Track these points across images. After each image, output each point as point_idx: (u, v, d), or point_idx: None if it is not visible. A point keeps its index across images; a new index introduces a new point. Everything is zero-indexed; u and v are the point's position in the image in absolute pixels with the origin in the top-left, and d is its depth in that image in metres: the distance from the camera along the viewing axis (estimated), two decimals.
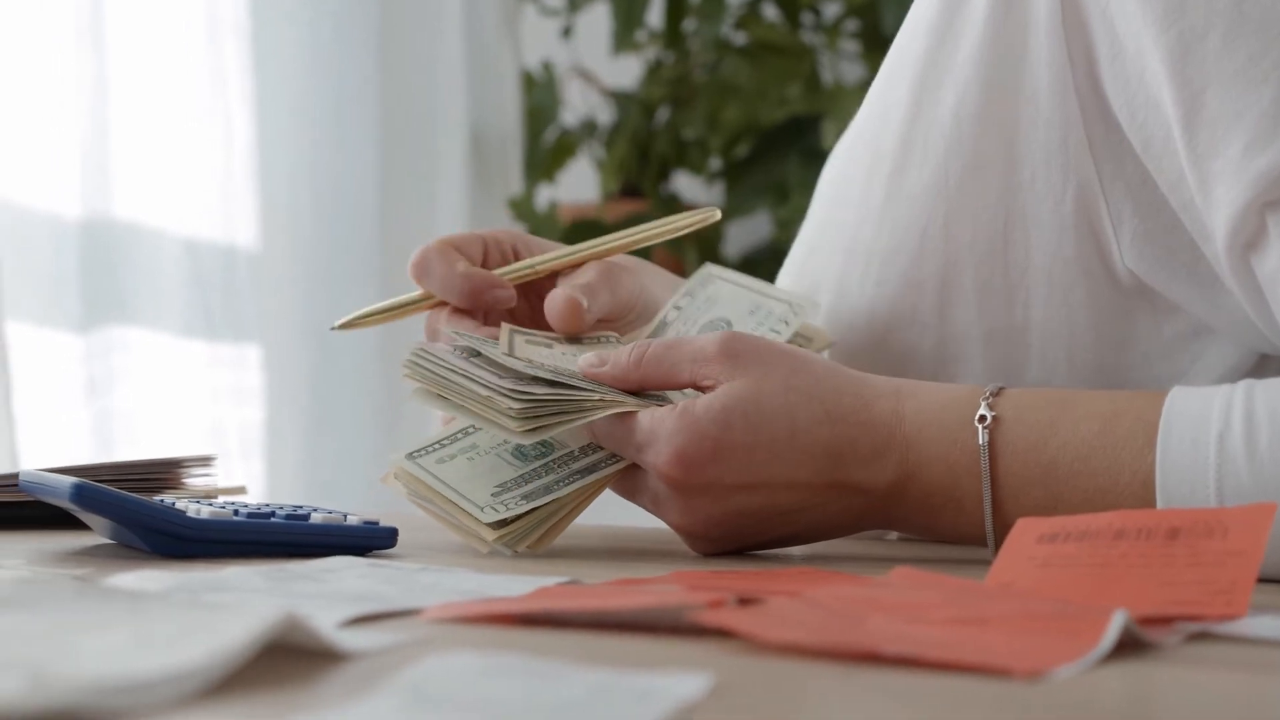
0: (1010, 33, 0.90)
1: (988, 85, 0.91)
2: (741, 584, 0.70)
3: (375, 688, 0.46)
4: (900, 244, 0.94)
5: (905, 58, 0.96)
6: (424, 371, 0.89)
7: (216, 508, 0.84)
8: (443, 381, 0.88)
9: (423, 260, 0.97)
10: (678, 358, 0.85)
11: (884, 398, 0.84)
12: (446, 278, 0.95)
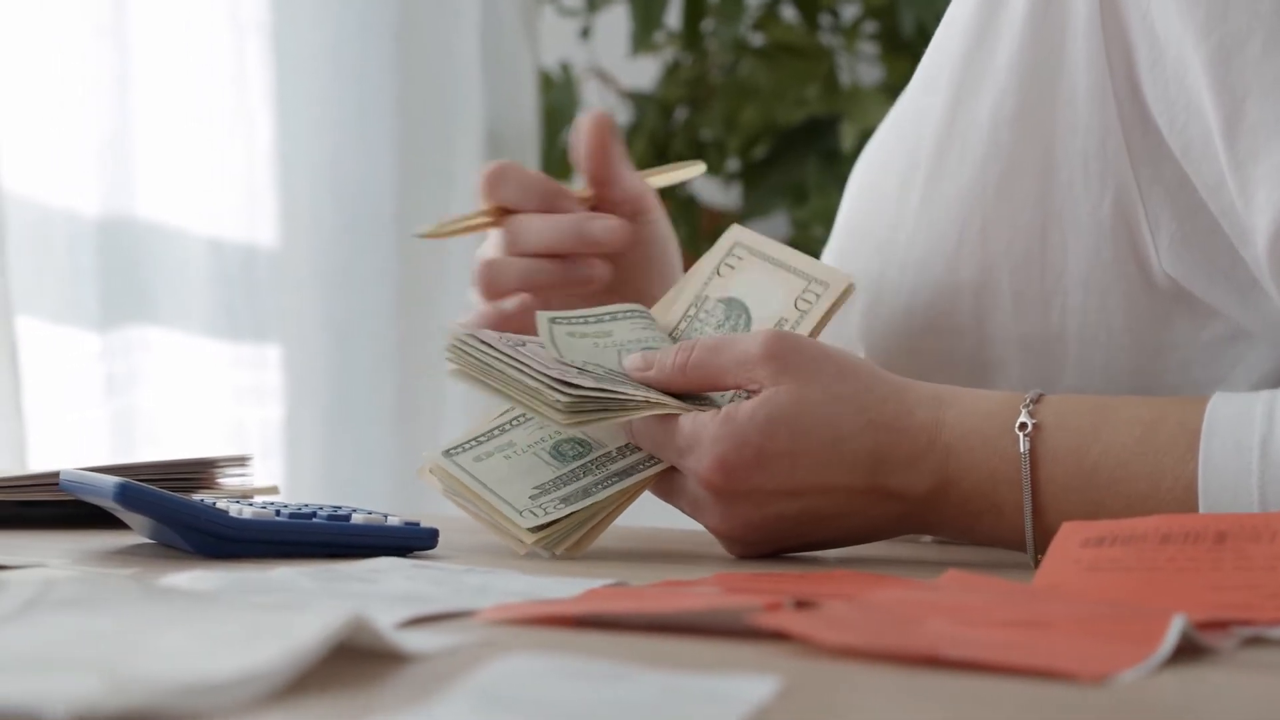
0: (1049, 37, 0.90)
1: (1026, 90, 0.91)
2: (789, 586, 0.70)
3: (445, 690, 0.46)
4: (936, 249, 0.94)
5: (941, 62, 0.96)
6: (467, 356, 0.89)
7: (258, 508, 0.84)
8: (486, 367, 0.88)
9: (498, 170, 1.02)
10: (723, 362, 0.85)
11: (924, 405, 0.84)
12: (524, 180, 1.00)
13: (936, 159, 0.94)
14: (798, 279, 0.93)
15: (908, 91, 1.01)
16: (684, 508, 0.86)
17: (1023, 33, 0.91)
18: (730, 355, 0.85)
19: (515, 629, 0.59)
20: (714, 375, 0.86)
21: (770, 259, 0.95)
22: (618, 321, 0.94)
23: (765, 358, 0.84)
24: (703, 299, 0.95)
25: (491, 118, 2.33)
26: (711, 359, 0.86)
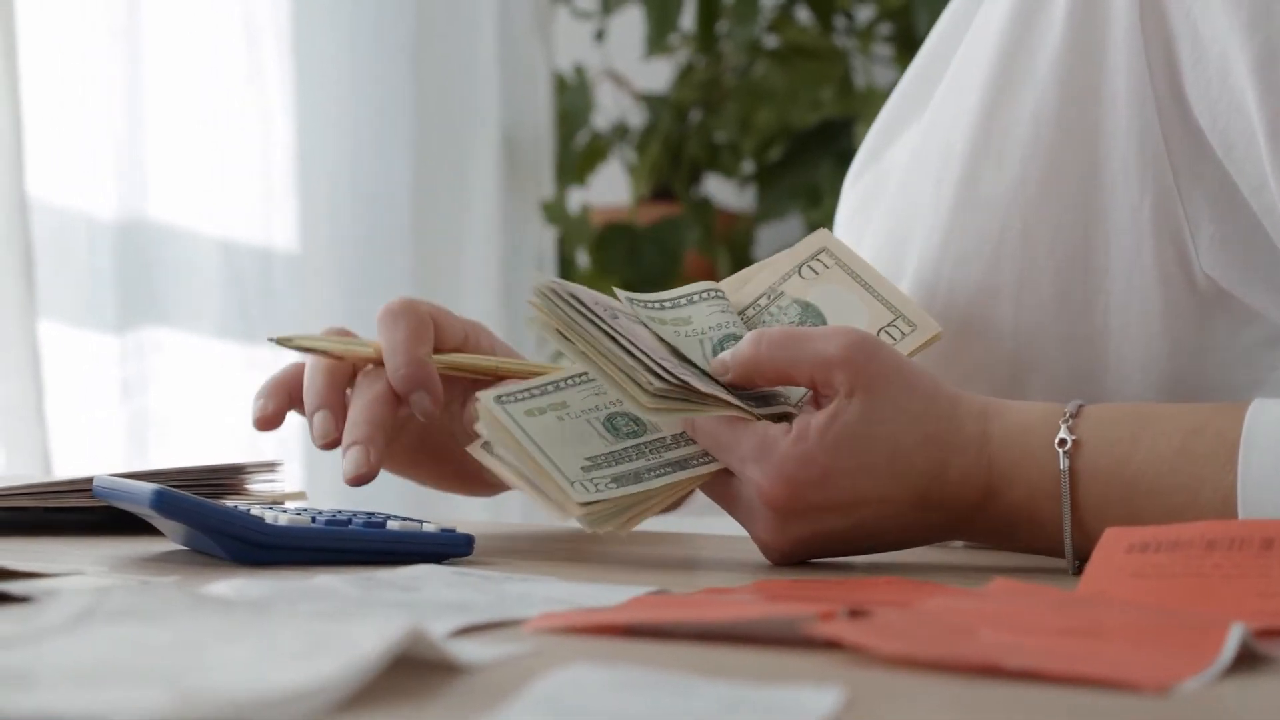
0: (1089, 37, 0.90)
1: (1066, 90, 0.91)
2: (836, 594, 0.70)
3: (508, 701, 0.46)
4: (974, 251, 0.94)
5: (974, 65, 0.95)
6: (556, 310, 0.85)
7: (293, 514, 0.84)
8: (577, 327, 0.85)
9: (397, 319, 0.93)
10: (797, 358, 0.83)
11: (973, 418, 0.83)
12: (405, 353, 0.92)
13: (972, 161, 0.94)
14: (885, 310, 0.91)
15: (938, 99, 1.00)
16: (735, 513, 0.86)
17: (1063, 33, 0.90)
18: (806, 352, 0.83)
19: (563, 638, 0.59)
20: (786, 370, 0.84)
21: (859, 279, 0.93)
22: (695, 305, 0.91)
23: (843, 362, 0.82)
24: (777, 293, 0.93)
25: (507, 120, 2.33)
26: (784, 354, 0.84)
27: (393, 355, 0.92)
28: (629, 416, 0.87)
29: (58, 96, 1.75)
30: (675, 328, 0.89)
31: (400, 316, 0.94)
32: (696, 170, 2.50)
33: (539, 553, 0.90)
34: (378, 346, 0.93)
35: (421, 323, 0.93)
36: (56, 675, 0.45)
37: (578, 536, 0.99)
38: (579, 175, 2.49)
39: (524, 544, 0.95)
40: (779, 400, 0.86)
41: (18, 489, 0.96)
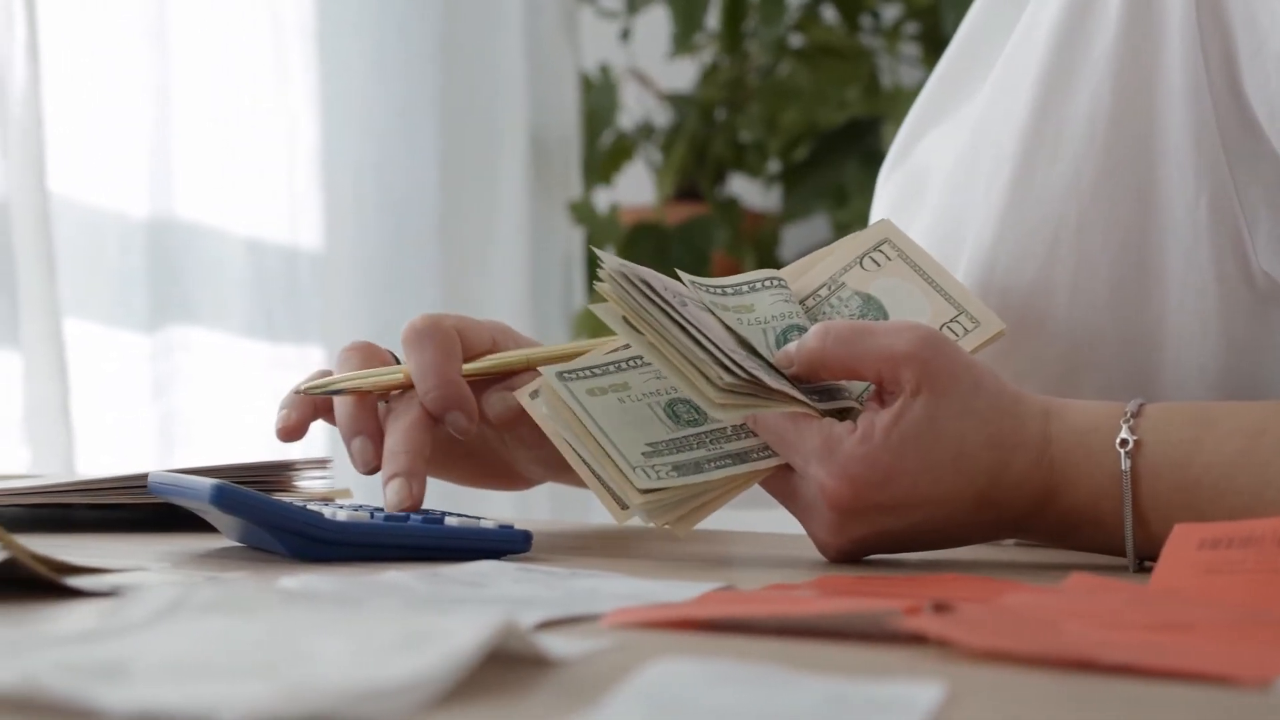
0: (1145, 31, 0.89)
1: (1122, 86, 0.90)
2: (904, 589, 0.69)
3: (606, 695, 0.45)
4: (1028, 250, 0.93)
5: (1025, 63, 0.94)
6: (627, 295, 0.83)
7: (351, 510, 0.84)
8: (646, 315, 0.83)
9: (422, 339, 0.92)
10: (863, 353, 0.82)
11: (1035, 418, 0.83)
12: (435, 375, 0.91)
13: (1024, 158, 0.93)
14: (948, 305, 0.89)
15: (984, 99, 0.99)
16: (793, 509, 0.85)
17: (1117, 28, 0.90)
18: (873, 347, 0.82)
19: (644, 633, 0.58)
20: (852, 365, 0.83)
21: (921, 272, 0.91)
22: (757, 293, 0.89)
23: (910, 359, 0.81)
24: (838, 283, 0.91)
25: (534, 120, 2.32)
26: (851, 349, 0.82)
27: (423, 378, 0.91)
28: (689, 404, 0.85)
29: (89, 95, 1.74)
30: (737, 315, 0.87)
31: (425, 336, 0.92)
32: (721, 170, 2.49)
33: (593, 549, 0.90)
34: (406, 371, 0.92)
35: (447, 339, 0.92)
36: (152, 669, 0.44)
37: (628, 534, 0.99)
38: (604, 175, 2.48)
39: (577, 541, 0.95)
40: (842, 394, 0.85)
41: (70, 485, 0.95)
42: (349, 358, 0.94)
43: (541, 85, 2.34)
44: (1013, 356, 0.93)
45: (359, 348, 0.95)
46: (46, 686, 0.42)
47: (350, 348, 0.95)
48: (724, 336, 0.84)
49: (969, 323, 0.89)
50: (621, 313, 0.84)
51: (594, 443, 0.83)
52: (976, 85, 1.06)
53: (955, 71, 1.11)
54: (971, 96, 1.07)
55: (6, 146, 1.51)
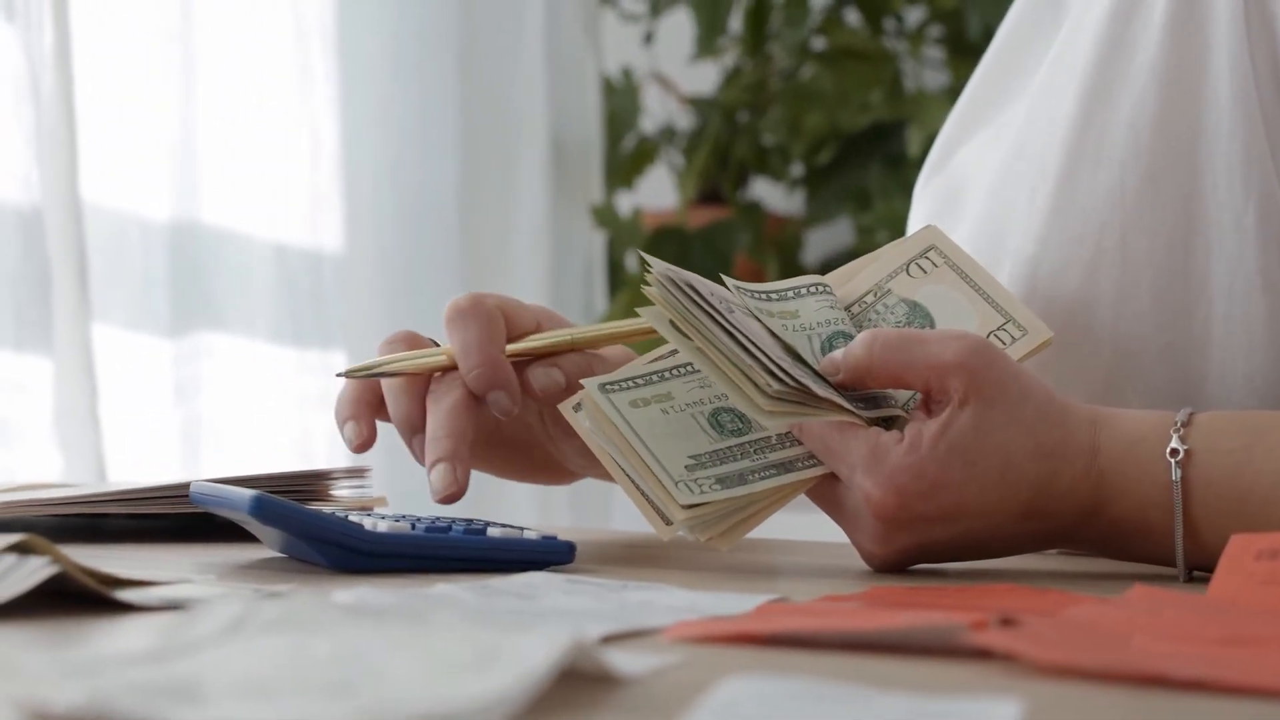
0: (1191, 39, 0.88)
1: (1166, 94, 0.89)
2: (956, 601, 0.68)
3: (683, 713, 0.45)
4: (1072, 258, 0.92)
5: (1069, 70, 0.94)
6: (673, 300, 0.82)
7: (393, 521, 0.83)
8: (693, 319, 0.82)
9: (466, 318, 0.91)
10: (911, 361, 0.81)
11: (1083, 428, 0.82)
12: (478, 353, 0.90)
13: (1068, 166, 0.93)
14: (995, 313, 0.89)
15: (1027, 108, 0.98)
16: (838, 519, 0.84)
17: (1163, 35, 0.89)
18: (921, 356, 0.81)
19: (707, 647, 0.58)
20: (899, 374, 0.82)
21: (968, 279, 0.90)
22: (802, 299, 0.89)
23: (958, 368, 0.80)
24: (884, 290, 0.91)
25: (555, 123, 2.32)
26: (898, 358, 0.81)
27: (465, 357, 0.90)
28: (734, 413, 0.84)
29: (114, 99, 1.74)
30: (782, 320, 0.87)
31: (469, 315, 0.91)
32: (744, 173, 2.49)
33: (636, 560, 0.89)
34: (449, 352, 0.92)
35: (491, 318, 0.91)
36: (224, 688, 0.44)
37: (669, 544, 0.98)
38: (626, 179, 2.47)
39: (618, 551, 0.94)
40: (887, 402, 0.85)
41: (109, 495, 0.95)
42: (392, 347, 0.93)
43: (563, 88, 2.34)
44: (1056, 365, 0.93)
45: (402, 336, 0.94)
46: (118, 706, 0.42)
47: (393, 337, 0.94)
48: (771, 343, 0.84)
49: (1016, 330, 0.88)
50: (669, 317, 0.83)
51: (636, 456, 0.82)
52: (1013, 95, 1.06)
53: (991, 81, 1.10)
54: (1008, 106, 1.06)
55: (40, 153, 1.50)
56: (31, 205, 1.50)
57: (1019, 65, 1.07)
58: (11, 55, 1.49)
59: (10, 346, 1.48)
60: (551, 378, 0.91)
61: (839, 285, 0.92)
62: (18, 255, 1.48)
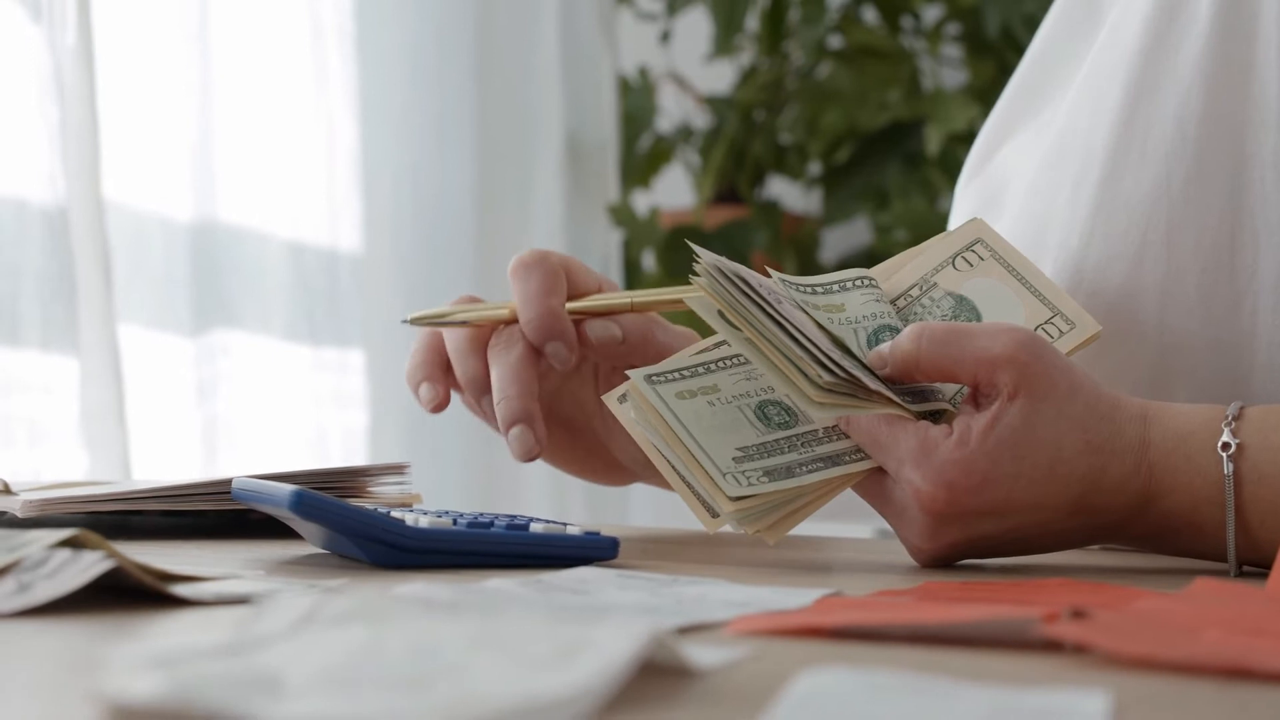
0: (1237, 33, 0.88)
1: (1213, 88, 0.89)
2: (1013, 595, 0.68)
3: (767, 708, 0.44)
4: (1117, 253, 0.92)
5: (1113, 65, 0.93)
6: (723, 290, 0.82)
7: (434, 517, 0.82)
8: (743, 310, 0.81)
9: (530, 270, 0.93)
10: (960, 355, 0.81)
11: (1133, 422, 0.81)
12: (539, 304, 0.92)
13: (1112, 161, 0.92)
14: (1043, 307, 0.88)
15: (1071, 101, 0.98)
16: (885, 513, 0.83)
17: (1209, 30, 0.89)
18: (969, 350, 0.80)
19: (772, 641, 0.57)
20: (948, 368, 0.81)
21: (1015, 272, 0.89)
22: (848, 292, 0.88)
23: (1008, 362, 0.79)
24: (930, 283, 0.90)
25: (571, 123, 2.31)
26: (947, 352, 0.81)
27: (526, 307, 0.92)
28: (780, 405, 0.84)
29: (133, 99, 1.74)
30: (828, 314, 0.86)
31: (532, 268, 0.93)
32: (760, 172, 2.48)
33: (679, 554, 0.88)
34: (512, 305, 0.93)
35: (553, 272, 0.93)
36: (306, 682, 0.43)
37: (710, 538, 0.98)
38: (642, 178, 2.47)
39: (659, 546, 0.93)
40: (935, 396, 0.84)
41: (148, 492, 0.94)
42: (457, 307, 0.96)
43: (579, 88, 2.33)
44: (1101, 360, 0.92)
45: (467, 298, 0.96)
46: (202, 697, 0.41)
47: (461, 297, 0.97)
48: (819, 335, 0.83)
49: (1064, 324, 0.87)
50: (717, 307, 0.83)
51: (683, 448, 0.82)
52: (1053, 94, 1.05)
53: (1030, 82, 1.10)
54: (1047, 106, 1.06)
55: (66, 152, 1.50)
56: (57, 204, 1.49)
57: (1057, 67, 1.07)
58: (38, 54, 1.49)
59: (37, 346, 1.47)
60: (609, 331, 0.92)
61: (884, 279, 0.91)
62: (44, 255, 1.48)
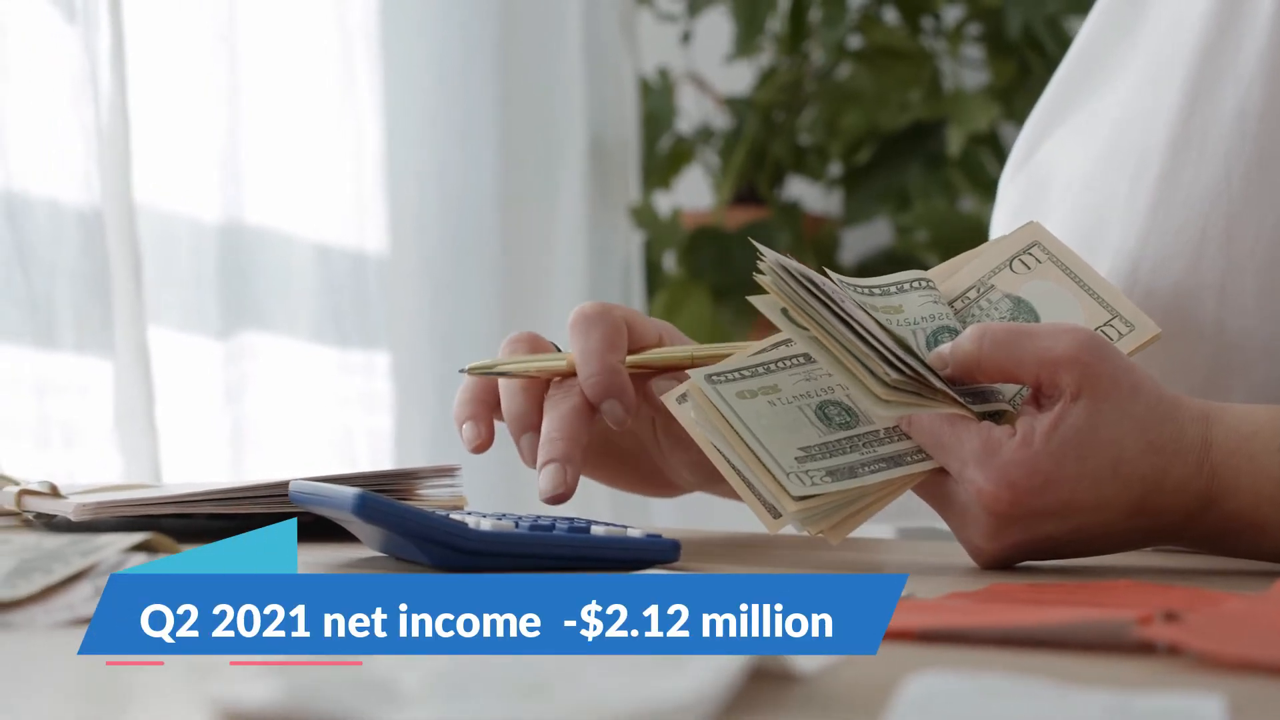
0: None
1: (1275, 84, 0.88)
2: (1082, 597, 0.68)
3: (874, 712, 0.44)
4: (1174, 250, 0.91)
5: (1172, 60, 0.93)
6: (789, 288, 0.82)
7: (495, 519, 0.82)
8: (809, 308, 0.81)
9: (591, 325, 0.91)
10: (1022, 356, 0.80)
11: (1195, 422, 0.81)
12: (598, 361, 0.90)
13: (1171, 157, 0.92)
14: (1102, 309, 0.87)
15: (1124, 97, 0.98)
16: (946, 514, 0.83)
17: (1272, 25, 0.88)
18: (1032, 349, 0.80)
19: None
20: (1010, 368, 0.81)
21: (1073, 275, 0.89)
22: (905, 294, 0.88)
23: (1071, 362, 0.79)
24: (987, 286, 0.90)
25: (593, 124, 2.31)
26: (1008, 352, 0.80)
27: (585, 364, 0.90)
28: (841, 406, 0.84)
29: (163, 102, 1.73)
30: (885, 315, 0.86)
31: (594, 323, 0.91)
32: (780, 173, 2.48)
33: (738, 558, 0.88)
34: (570, 358, 0.91)
35: (614, 328, 0.91)
36: (420, 688, 0.43)
37: (767, 541, 0.97)
38: (663, 179, 2.47)
39: (718, 549, 0.93)
40: (995, 397, 0.84)
41: (204, 494, 0.94)
42: (515, 347, 0.93)
43: (600, 89, 2.33)
44: (1158, 359, 0.92)
45: (524, 338, 0.94)
46: (317, 704, 0.41)
47: (515, 338, 0.94)
48: (882, 334, 0.83)
49: (1123, 326, 0.87)
50: (782, 305, 0.82)
51: (745, 448, 0.81)
52: (1096, 88, 1.05)
53: (1074, 78, 1.09)
54: (1090, 101, 1.06)
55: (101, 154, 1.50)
56: (91, 206, 1.49)
57: (1100, 63, 1.07)
58: (73, 55, 1.48)
59: (72, 348, 1.47)
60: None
61: (941, 281, 0.91)
62: (78, 256, 1.48)
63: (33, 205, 1.45)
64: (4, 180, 1.42)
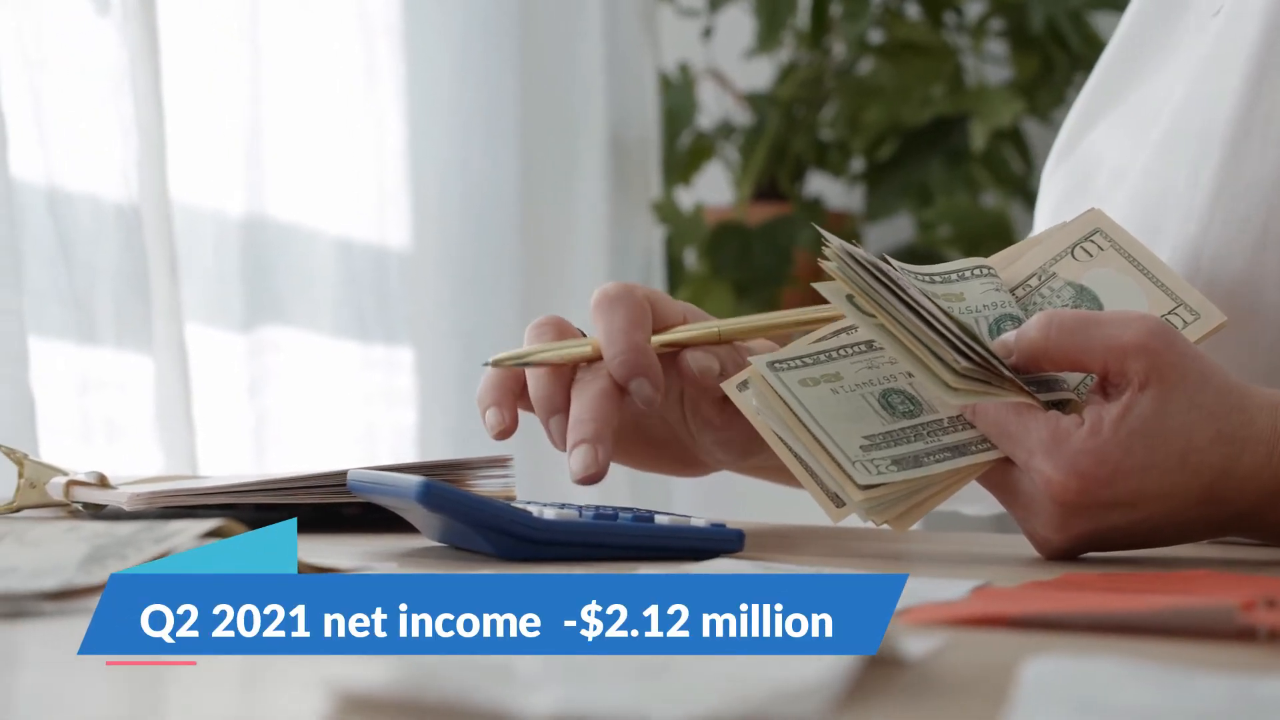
0: None
1: None
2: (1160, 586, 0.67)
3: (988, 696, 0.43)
4: (1237, 239, 0.91)
5: (1235, 44, 0.92)
6: (855, 275, 0.81)
7: (558, 508, 0.82)
8: (876, 295, 0.81)
9: (614, 304, 0.90)
10: (1089, 344, 0.79)
11: (1264, 411, 0.80)
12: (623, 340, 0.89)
13: (1233, 145, 0.91)
14: (1166, 297, 0.86)
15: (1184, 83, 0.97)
16: (1011, 505, 0.82)
17: None
18: (1099, 337, 0.79)
19: (960, 630, 0.56)
20: (1077, 356, 0.80)
21: (1136, 263, 0.88)
22: (967, 282, 0.87)
23: (1139, 350, 0.78)
24: (1049, 273, 0.89)
25: (614, 120, 2.31)
26: (1075, 340, 0.79)
27: (610, 344, 0.90)
28: (904, 394, 0.83)
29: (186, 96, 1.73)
30: (947, 303, 0.85)
31: (616, 302, 0.91)
32: (801, 169, 2.47)
33: (802, 548, 0.87)
34: (595, 343, 0.91)
35: (638, 307, 0.91)
36: (536, 670, 0.42)
37: (827, 531, 0.97)
38: (684, 175, 2.46)
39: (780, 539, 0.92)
40: (1059, 385, 0.83)
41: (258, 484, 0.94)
42: (540, 333, 0.92)
43: (621, 84, 2.33)
44: (1220, 348, 0.91)
45: (549, 323, 0.93)
46: (438, 684, 0.40)
47: (540, 323, 0.93)
48: (949, 322, 0.82)
49: (1188, 314, 0.86)
50: (847, 292, 0.82)
51: (809, 436, 0.81)
52: (1141, 73, 1.05)
53: (1118, 67, 1.09)
54: (1135, 88, 1.05)
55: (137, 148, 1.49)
56: (130, 202, 1.49)
57: (1144, 49, 1.06)
58: (111, 49, 1.48)
59: (112, 344, 1.47)
60: (709, 363, 0.90)
61: (1001, 268, 0.90)
62: (118, 252, 1.47)
63: (74, 200, 1.45)
64: (45, 175, 1.42)
